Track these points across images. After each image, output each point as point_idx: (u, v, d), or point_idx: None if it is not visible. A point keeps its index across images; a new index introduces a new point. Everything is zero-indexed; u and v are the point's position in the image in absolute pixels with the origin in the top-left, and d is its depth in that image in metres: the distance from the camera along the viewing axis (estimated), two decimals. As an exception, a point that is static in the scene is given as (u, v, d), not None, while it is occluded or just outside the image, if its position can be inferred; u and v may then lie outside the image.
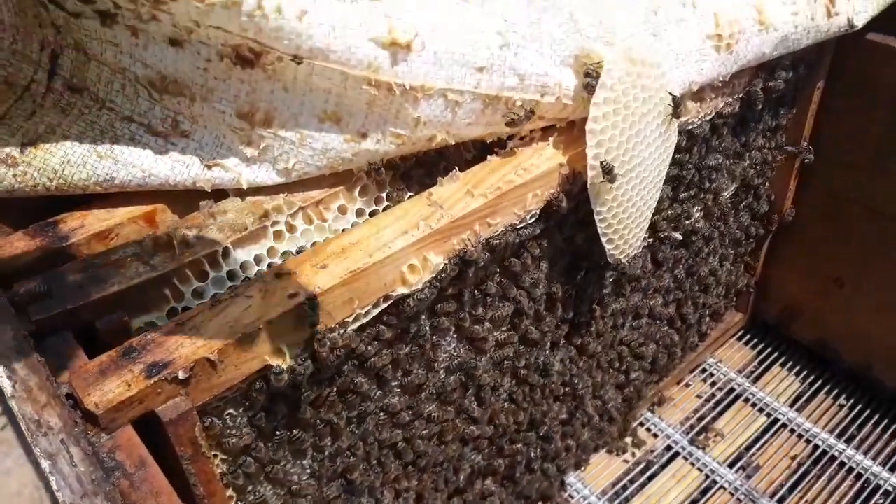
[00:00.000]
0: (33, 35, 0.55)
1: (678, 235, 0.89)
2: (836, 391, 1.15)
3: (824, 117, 0.98)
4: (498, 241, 0.62)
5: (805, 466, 1.05)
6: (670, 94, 0.67)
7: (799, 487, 1.02)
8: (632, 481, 1.03)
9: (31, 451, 0.40)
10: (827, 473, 1.03)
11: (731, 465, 1.05)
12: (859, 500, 0.99)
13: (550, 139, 0.66)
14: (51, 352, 0.47)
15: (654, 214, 0.76)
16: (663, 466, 1.05)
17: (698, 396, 1.16)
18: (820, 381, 1.16)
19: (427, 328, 0.63)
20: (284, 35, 0.51)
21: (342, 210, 0.62)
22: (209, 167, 0.57)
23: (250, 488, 0.58)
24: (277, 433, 0.57)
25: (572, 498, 1.01)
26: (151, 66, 0.53)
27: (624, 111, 0.63)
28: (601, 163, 0.63)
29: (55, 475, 0.39)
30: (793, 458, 1.06)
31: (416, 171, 0.65)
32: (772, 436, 1.09)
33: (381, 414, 0.65)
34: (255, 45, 0.52)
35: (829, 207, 1.04)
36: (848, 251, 1.04)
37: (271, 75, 0.54)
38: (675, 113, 0.68)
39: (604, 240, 0.69)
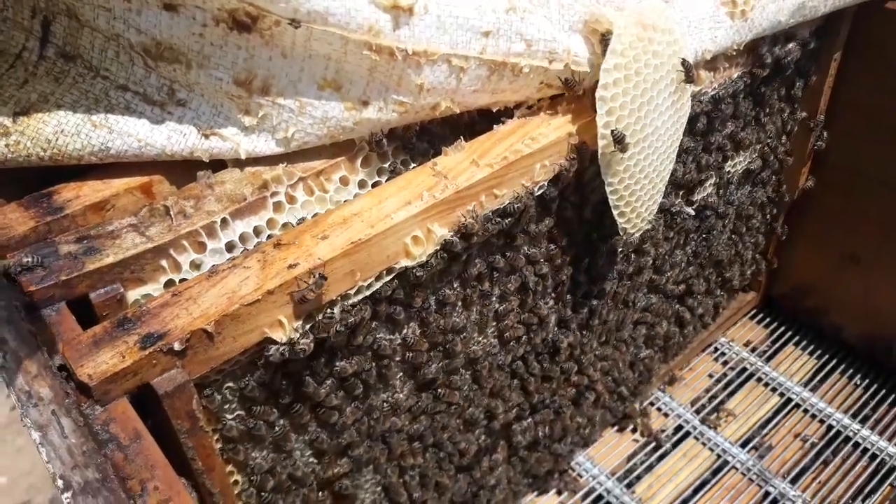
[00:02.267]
0: (24, 1, 0.53)
1: (691, 210, 0.87)
2: (851, 371, 1.13)
3: (841, 89, 0.95)
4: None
5: (818, 447, 1.03)
6: (682, 60, 0.65)
7: (812, 468, 1.00)
8: (642, 461, 1.02)
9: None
10: (841, 454, 1.02)
11: (743, 445, 1.03)
12: (874, 481, 0.98)
13: (559, 108, 0.64)
14: (43, 323, 0.46)
15: (666, 187, 0.74)
16: (674, 446, 1.04)
17: (710, 376, 1.14)
18: (834, 361, 1.14)
19: (433, 303, 0.62)
20: (282, -3, 0.49)
21: (344, 181, 0.61)
22: (206, 136, 0.55)
23: (250, 462, 0.57)
24: (278, 407, 0.56)
25: (581, 477, 0.99)
26: (145, 32, 0.52)
27: (635, 78, 0.61)
28: (612, 132, 0.61)
29: (45, 446, 0.37)
30: (806, 439, 1.04)
31: (421, 141, 0.63)
32: (784, 416, 1.07)
33: (383, 394, 0.64)
34: (252, 8, 0.50)
35: (844, 182, 1.02)
36: (864, 227, 1.02)
37: (269, 41, 0.52)
38: (688, 77, 0.66)
39: (615, 212, 0.68)
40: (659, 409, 1.09)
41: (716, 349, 1.17)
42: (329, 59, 0.54)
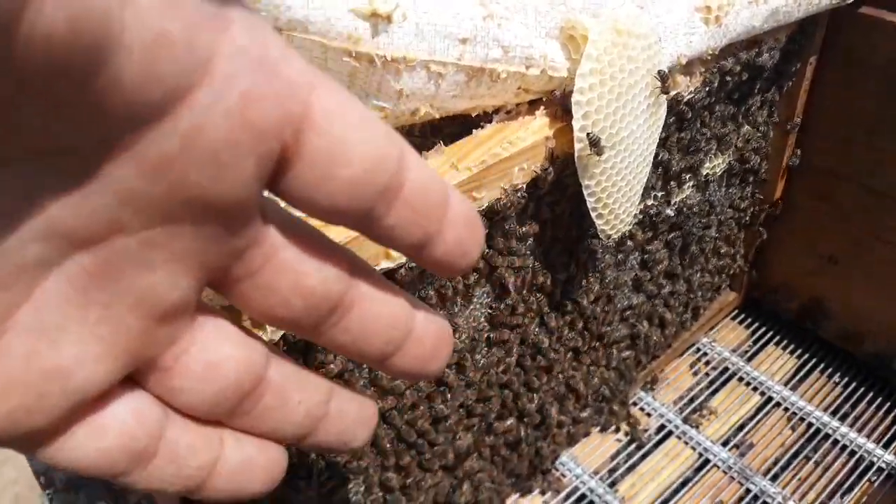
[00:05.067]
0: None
1: (670, 212, 0.89)
2: (830, 370, 1.14)
3: (817, 93, 0.97)
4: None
5: (798, 444, 1.05)
6: (658, 70, 0.66)
7: (792, 465, 1.02)
8: (625, 460, 1.03)
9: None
10: (820, 451, 1.03)
11: (724, 444, 1.05)
12: (852, 477, 0.99)
13: (537, 112, 0.65)
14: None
15: (644, 190, 0.75)
16: (657, 445, 1.05)
17: (694, 374, 1.15)
18: (814, 360, 1.16)
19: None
20: (262, 6, 0.50)
21: (326, 185, 0.62)
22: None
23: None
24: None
25: (565, 476, 1.01)
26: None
27: (610, 82, 0.62)
28: (588, 135, 0.62)
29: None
30: (786, 436, 1.06)
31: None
32: (765, 414, 1.09)
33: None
34: (233, 15, 0.51)
35: (822, 184, 1.04)
36: (841, 228, 1.04)
37: (251, 47, 0.53)
38: (664, 88, 0.67)
39: (593, 214, 0.69)
40: (642, 409, 1.10)
41: (698, 349, 1.19)
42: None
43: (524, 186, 0.64)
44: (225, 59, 0.22)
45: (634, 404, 1.10)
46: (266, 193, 0.28)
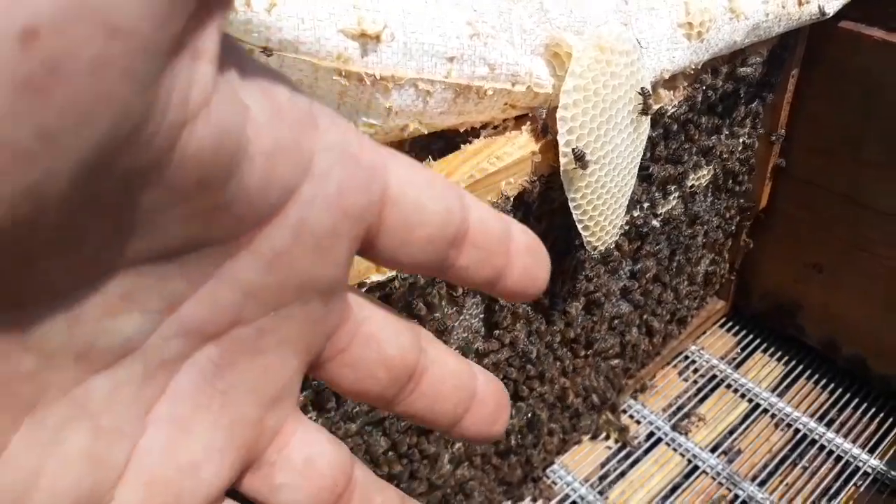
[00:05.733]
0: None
1: (656, 223, 0.90)
2: (816, 376, 1.16)
3: (799, 105, 0.99)
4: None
5: (786, 450, 1.06)
6: (641, 88, 0.68)
7: (780, 471, 1.04)
8: (615, 467, 1.05)
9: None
10: (807, 456, 1.05)
11: (713, 450, 1.06)
12: (839, 482, 1.01)
13: (523, 128, 0.67)
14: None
15: (629, 201, 0.77)
16: (646, 452, 1.07)
17: (683, 381, 1.17)
18: (801, 367, 1.18)
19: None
20: (254, 28, 0.52)
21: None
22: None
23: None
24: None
25: (555, 484, 1.02)
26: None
27: (594, 98, 0.64)
28: (573, 150, 0.64)
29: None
30: (773, 442, 1.07)
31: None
32: (753, 421, 1.11)
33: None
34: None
35: (806, 195, 1.05)
36: (825, 238, 1.06)
37: (243, 67, 0.55)
38: (645, 108, 0.69)
39: (579, 227, 0.70)
40: (631, 417, 1.11)
41: (686, 357, 1.21)
42: (300, 84, 0.56)
43: (511, 200, 0.66)
44: (320, 155, 0.24)
45: (624, 412, 1.12)
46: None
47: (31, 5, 0.13)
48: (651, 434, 1.09)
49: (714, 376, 1.17)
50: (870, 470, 1.02)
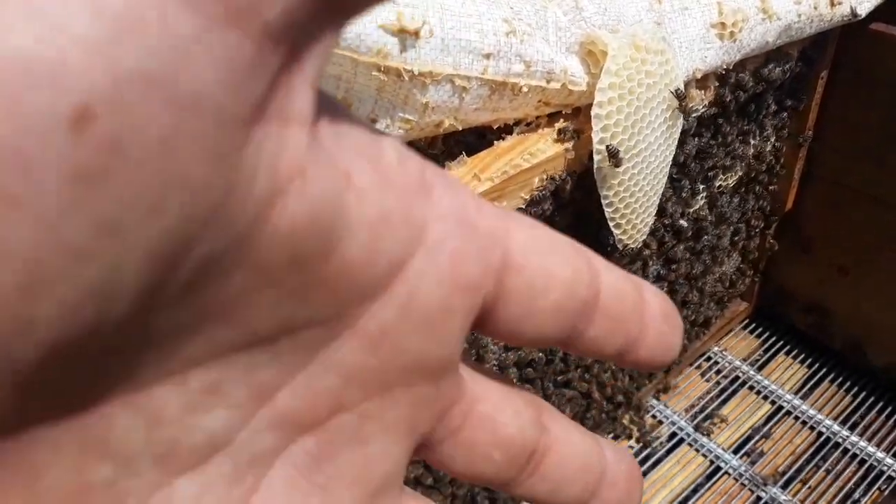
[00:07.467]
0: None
1: (683, 223, 0.90)
2: (840, 379, 1.16)
3: (828, 106, 0.99)
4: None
5: (809, 453, 1.06)
6: (675, 88, 0.68)
7: (803, 473, 1.03)
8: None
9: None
10: (830, 459, 1.04)
11: (735, 452, 1.06)
12: (862, 486, 1.01)
13: (556, 125, 0.67)
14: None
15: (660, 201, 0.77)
16: (668, 452, 1.07)
17: (706, 381, 1.17)
18: (824, 370, 1.17)
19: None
20: (296, 21, 0.52)
21: (352, 194, 0.64)
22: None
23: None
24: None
25: (578, 483, 1.02)
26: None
27: (629, 96, 0.64)
28: (607, 147, 0.64)
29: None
30: (796, 445, 1.07)
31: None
32: (776, 423, 1.10)
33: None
34: (268, 31, 0.53)
35: (833, 196, 1.05)
36: (851, 240, 1.05)
37: (283, 61, 0.55)
38: (681, 107, 0.69)
39: (611, 224, 0.71)
40: (654, 417, 1.11)
41: (709, 358, 1.20)
42: (340, 79, 0.57)
43: (544, 197, 0.66)
44: (434, 225, 0.22)
45: (646, 412, 1.12)
46: None
47: (85, 80, 0.11)
48: (673, 434, 1.09)
49: (737, 377, 1.17)
50: (894, 474, 1.02)
